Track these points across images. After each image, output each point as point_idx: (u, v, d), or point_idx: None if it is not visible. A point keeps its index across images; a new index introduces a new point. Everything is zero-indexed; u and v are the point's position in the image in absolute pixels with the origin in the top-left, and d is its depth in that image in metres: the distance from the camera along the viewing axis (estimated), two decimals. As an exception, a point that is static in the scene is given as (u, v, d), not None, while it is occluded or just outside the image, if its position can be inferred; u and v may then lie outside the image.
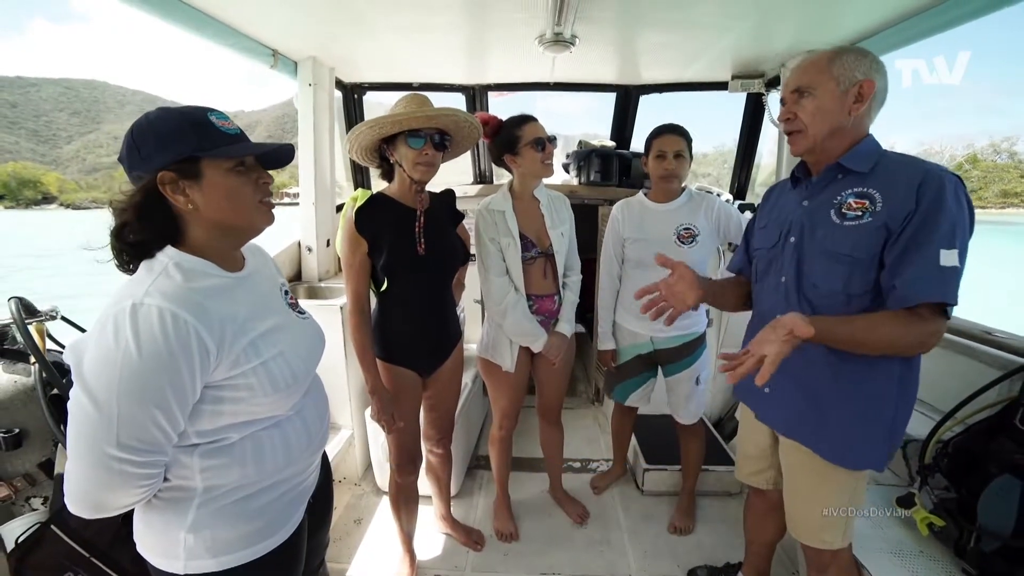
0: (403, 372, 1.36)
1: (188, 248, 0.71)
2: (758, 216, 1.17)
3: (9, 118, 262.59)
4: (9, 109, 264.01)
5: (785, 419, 1.06)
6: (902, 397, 0.93)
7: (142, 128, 0.67)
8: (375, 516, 1.87)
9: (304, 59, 2.01)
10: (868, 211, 0.88)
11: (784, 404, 1.05)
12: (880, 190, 0.88)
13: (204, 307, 0.66)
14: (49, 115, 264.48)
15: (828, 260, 0.94)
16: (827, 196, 0.96)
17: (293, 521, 0.82)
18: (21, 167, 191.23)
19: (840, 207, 0.92)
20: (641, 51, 2.01)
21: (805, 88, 0.93)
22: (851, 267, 0.90)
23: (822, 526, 1.03)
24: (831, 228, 0.93)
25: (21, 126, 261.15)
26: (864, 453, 0.96)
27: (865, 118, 0.92)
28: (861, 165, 0.92)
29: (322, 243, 2.25)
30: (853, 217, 0.90)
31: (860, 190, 0.90)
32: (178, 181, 0.67)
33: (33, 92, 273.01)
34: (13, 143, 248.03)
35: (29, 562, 0.89)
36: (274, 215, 0.79)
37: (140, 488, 0.65)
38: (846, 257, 0.90)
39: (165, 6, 1.37)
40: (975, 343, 1.47)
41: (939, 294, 0.81)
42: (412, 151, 1.21)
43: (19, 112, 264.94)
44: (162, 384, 0.61)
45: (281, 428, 0.78)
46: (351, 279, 1.27)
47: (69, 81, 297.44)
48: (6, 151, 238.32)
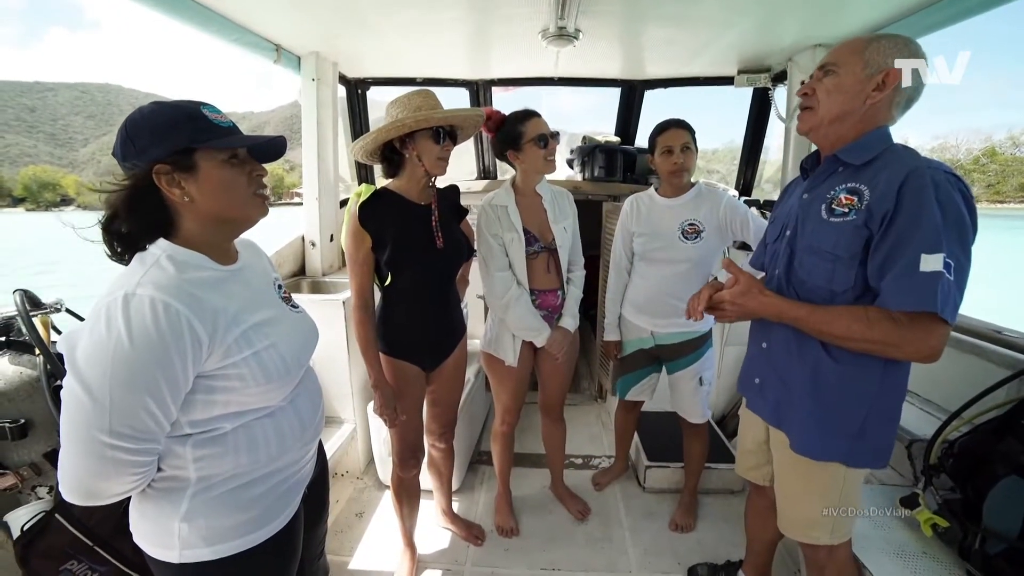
0: (406, 367, 1.37)
1: (181, 241, 0.72)
2: (773, 210, 1.17)
3: (28, 122, 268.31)
4: (28, 114, 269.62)
5: (771, 408, 1.06)
6: (880, 398, 0.91)
7: (136, 122, 0.67)
8: (377, 510, 1.88)
9: (307, 54, 2.01)
10: (855, 208, 0.86)
11: (769, 393, 1.06)
12: (869, 186, 0.85)
13: (197, 298, 0.67)
14: (66, 119, 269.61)
15: (813, 256, 0.92)
16: (823, 190, 0.94)
17: (288, 511, 0.83)
18: (41, 170, 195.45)
19: (831, 202, 0.90)
20: (645, 46, 1.99)
21: (831, 65, 0.90)
22: (833, 264, 0.89)
23: (809, 522, 1.02)
24: (818, 224, 0.92)
25: (39, 130, 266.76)
26: (828, 446, 0.95)
27: (884, 109, 0.88)
28: (855, 158, 0.89)
29: (325, 238, 2.26)
30: (840, 214, 0.88)
31: (852, 185, 0.88)
32: (173, 173, 0.67)
33: (50, 96, 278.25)
34: (32, 147, 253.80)
35: (34, 549, 0.91)
36: (268, 207, 0.79)
37: (133, 476, 0.65)
38: (828, 254, 0.89)
39: (170, 2, 1.37)
40: (984, 342, 1.45)
41: (915, 302, 0.76)
42: (436, 146, 1.24)
43: (37, 116, 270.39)
44: (154, 372, 0.62)
45: (274, 418, 0.79)
46: (355, 274, 1.27)
47: (84, 85, 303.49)
48: (26, 155, 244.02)
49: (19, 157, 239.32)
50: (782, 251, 1.01)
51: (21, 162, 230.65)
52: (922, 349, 0.79)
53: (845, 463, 0.94)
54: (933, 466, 1.21)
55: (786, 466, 1.05)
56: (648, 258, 1.63)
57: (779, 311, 0.92)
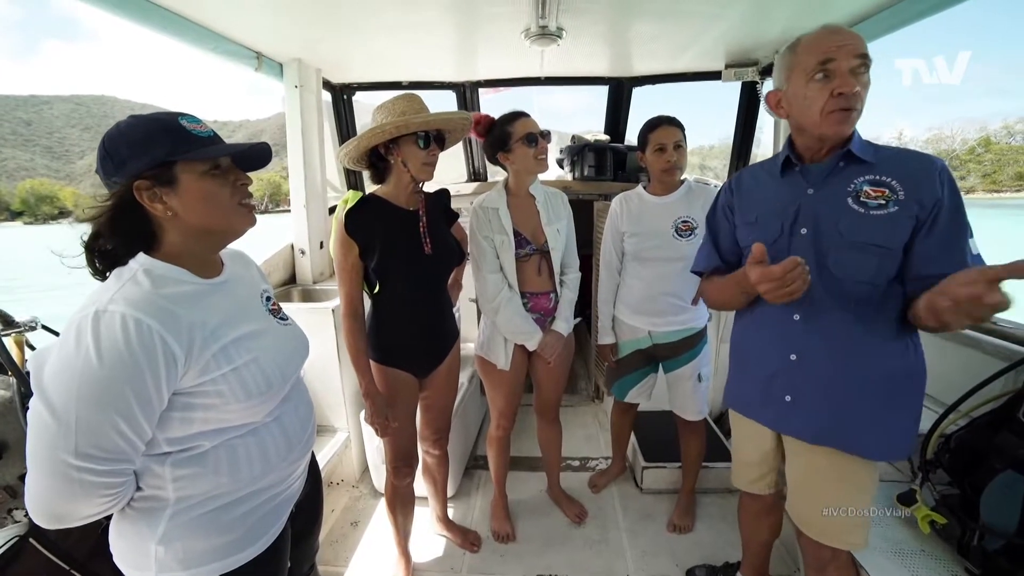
0: (398, 374, 1.35)
1: (163, 255, 0.70)
2: (738, 210, 1.07)
3: (24, 136, 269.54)
4: (24, 127, 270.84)
5: (814, 426, 0.98)
6: (918, 378, 0.93)
7: (113, 137, 0.66)
8: (372, 519, 1.86)
9: (289, 61, 2.00)
10: (891, 200, 0.86)
11: (809, 409, 0.98)
12: (896, 178, 0.86)
13: (172, 313, 0.65)
14: (62, 131, 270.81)
15: (856, 251, 0.89)
16: (838, 184, 0.91)
17: (272, 532, 0.81)
18: (38, 183, 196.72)
19: (858, 195, 0.88)
20: (630, 42, 1.97)
21: (868, 59, 0.84)
22: (881, 257, 0.87)
23: (849, 527, 0.98)
24: (856, 218, 0.88)
25: (36, 143, 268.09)
26: (894, 445, 0.94)
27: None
28: (868, 154, 0.90)
29: (315, 245, 2.24)
30: (877, 206, 0.87)
31: (874, 178, 0.88)
32: (154, 188, 0.66)
33: (46, 109, 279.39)
34: (29, 160, 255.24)
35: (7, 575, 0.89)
36: (255, 217, 0.78)
37: (103, 498, 0.64)
38: (876, 248, 0.87)
39: (144, 12, 1.36)
40: (980, 333, 1.43)
41: None
42: (422, 152, 1.22)
43: (33, 130, 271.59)
44: (123, 390, 0.61)
45: (257, 435, 0.77)
46: (344, 282, 1.26)
47: (80, 97, 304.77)
48: (23, 168, 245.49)
49: (16, 171, 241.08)
50: (801, 251, 0.91)
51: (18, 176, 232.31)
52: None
53: (902, 457, 0.96)
54: (930, 461, 1.19)
55: (825, 475, 0.99)
56: (642, 258, 1.61)
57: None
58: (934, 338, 1.60)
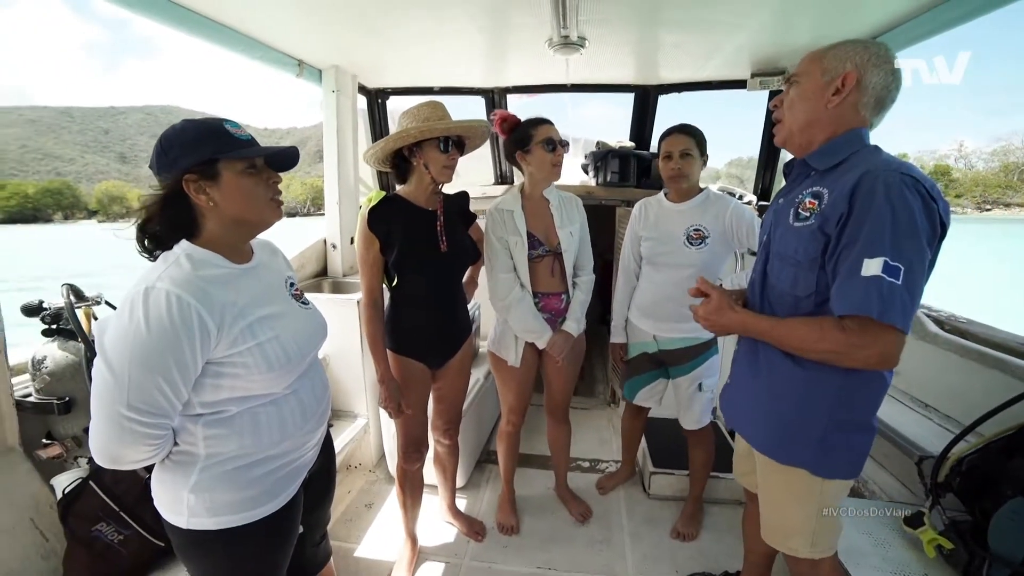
0: (412, 363, 1.43)
1: (201, 242, 0.81)
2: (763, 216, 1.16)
3: (103, 143, 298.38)
4: (103, 135, 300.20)
5: (748, 433, 1.06)
6: (842, 407, 0.88)
7: (169, 137, 0.78)
8: (385, 503, 1.96)
9: (328, 67, 2.14)
10: (815, 212, 0.85)
11: (733, 396, 1.08)
12: (829, 190, 0.84)
13: (207, 292, 0.76)
14: (133, 139, 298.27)
15: (780, 261, 0.92)
16: (794, 195, 0.93)
17: (287, 494, 0.90)
18: (112, 185, 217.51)
19: (798, 207, 0.89)
20: (654, 51, 1.99)
21: (795, 76, 0.91)
22: (796, 269, 0.88)
23: (786, 531, 1.01)
24: (786, 229, 0.91)
25: (111, 149, 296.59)
26: (790, 451, 0.94)
27: (850, 112, 0.86)
28: (819, 162, 0.89)
29: (346, 240, 2.38)
30: (803, 218, 0.87)
31: (816, 189, 0.87)
32: (200, 181, 0.77)
33: (121, 119, 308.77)
34: (105, 164, 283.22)
35: (72, 510, 1.04)
36: (283, 211, 0.88)
37: (148, 446, 0.74)
38: (791, 259, 0.89)
39: (199, 25, 1.51)
40: (1009, 356, 1.36)
41: (852, 306, 0.75)
42: (442, 155, 1.30)
43: (110, 137, 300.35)
44: (166, 356, 0.71)
45: (277, 405, 0.87)
46: (365, 275, 1.36)
47: (150, 107, 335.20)
48: (100, 172, 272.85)
49: (95, 175, 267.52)
50: (760, 256, 1.01)
51: (96, 179, 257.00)
52: (871, 356, 0.76)
53: (811, 472, 0.92)
54: (941, 484, 1.15)
55: (763, 472, 1.04)
56: (654, 262, 1.63)
57: (745, 326, 0.93)
58: (957, 357, 1.53)
